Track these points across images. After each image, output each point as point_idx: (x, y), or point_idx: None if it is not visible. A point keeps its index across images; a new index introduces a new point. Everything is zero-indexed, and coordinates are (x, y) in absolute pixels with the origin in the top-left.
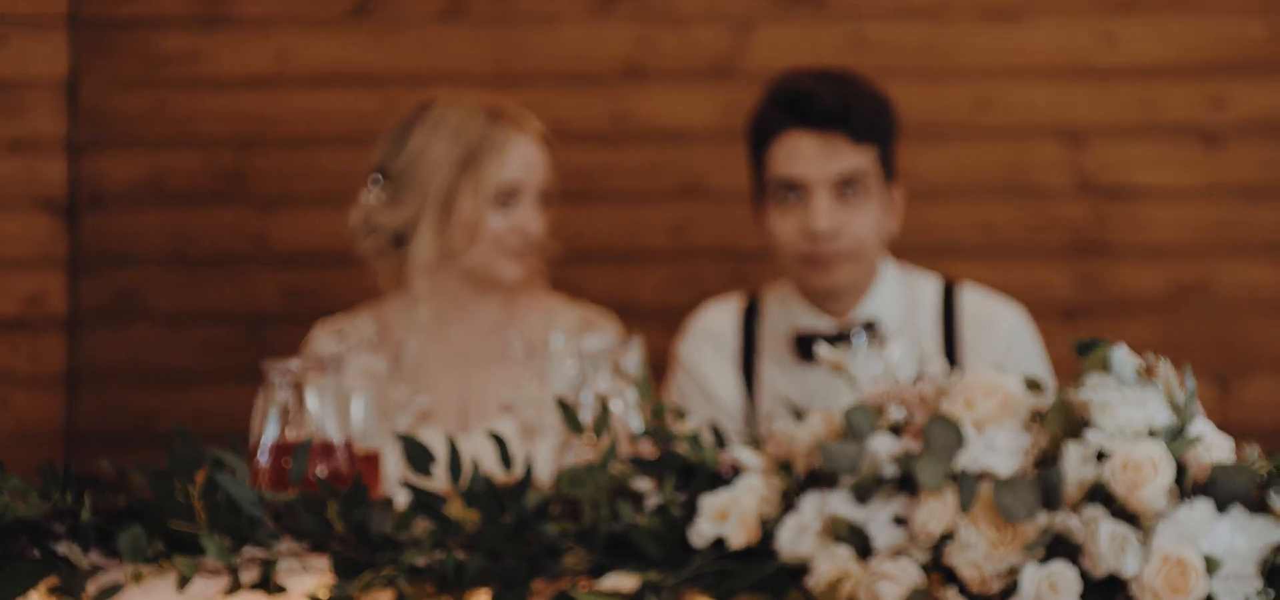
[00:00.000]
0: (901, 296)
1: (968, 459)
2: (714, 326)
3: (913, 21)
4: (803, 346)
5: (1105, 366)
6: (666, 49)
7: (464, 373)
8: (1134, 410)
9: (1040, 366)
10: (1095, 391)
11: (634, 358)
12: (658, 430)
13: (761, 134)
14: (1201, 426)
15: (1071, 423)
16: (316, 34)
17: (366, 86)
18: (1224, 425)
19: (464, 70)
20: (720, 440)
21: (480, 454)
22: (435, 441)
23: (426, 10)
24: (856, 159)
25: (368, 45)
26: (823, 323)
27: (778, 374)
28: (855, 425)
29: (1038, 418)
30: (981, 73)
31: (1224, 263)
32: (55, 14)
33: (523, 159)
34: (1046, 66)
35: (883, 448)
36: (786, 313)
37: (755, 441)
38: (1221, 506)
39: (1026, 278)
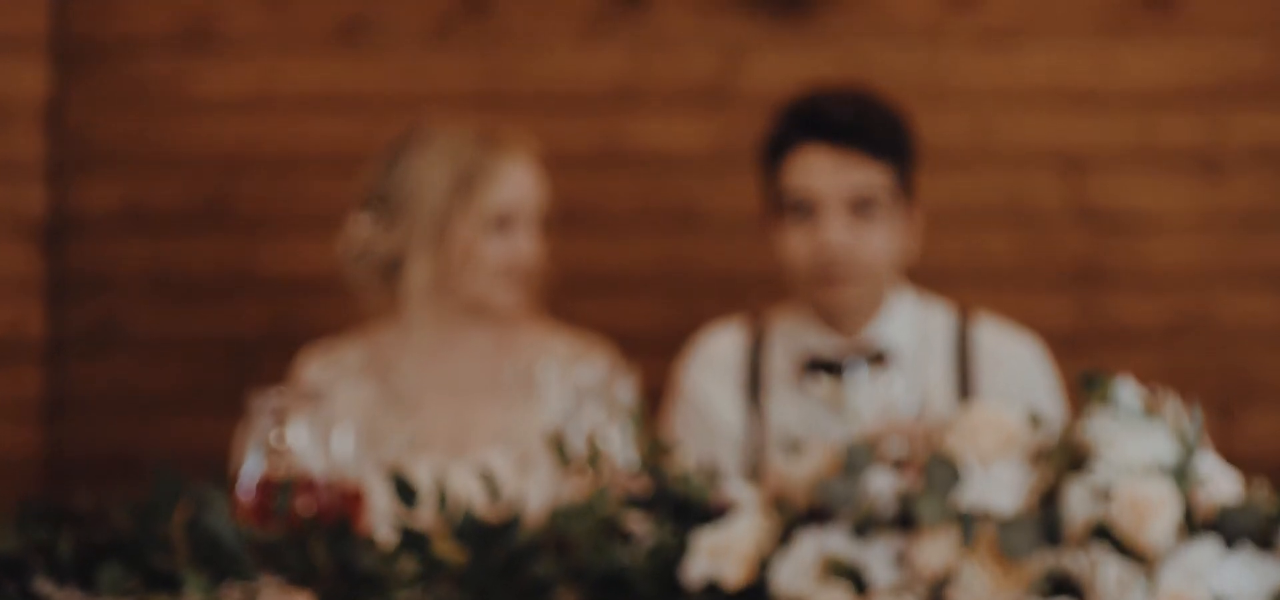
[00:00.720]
0: (915, 324)
1: (969, 496)
2: (718, 351)
3: (909, 46)
4: (814, 370)
5: (1110, 400)
6: (658, 73)
7: (456, 401)
8: (1140, 446)
9: (1055, 401)
10: (1100, 427)
11: (628, 389)
12: (652, 466)
13: (775, 149)
14: (1209, 462)
15: (1076, 458)
16: (302, 57)
17: (353, 110)
18: (1226, 457)
19: (452, 94)
20: (714, 476)
21: (471, 486)
22: (425, 474)
23: (414, 33)
24: (872, 176)
25: (354, 68)
26: (834, 343)
27: (788, 398)
28: (854, 461)
29: (1043, 454)
30: (979, 99)
31: (1226, 291)
32: (36, 35)
33: (518, 183)
34: (1045, 93)
35: (882, 484)
36: (796, 335)
37: (756, 474)
38: (1230, 545)
39: (1024, 307)
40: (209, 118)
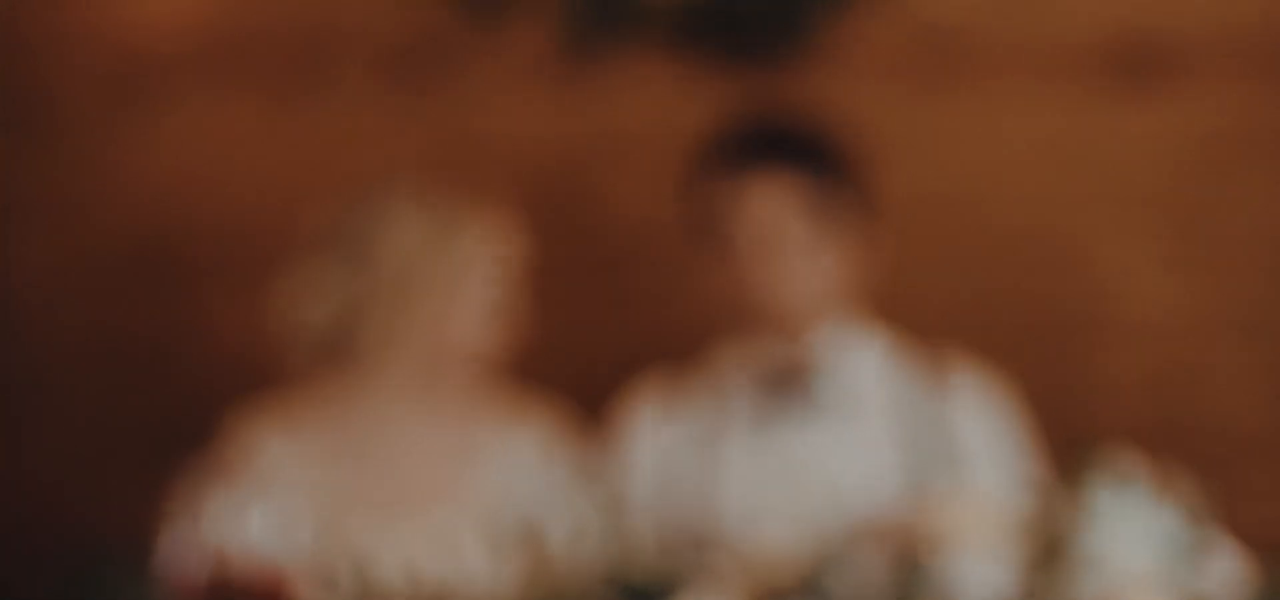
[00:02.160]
0: (878, 364)
1: (953, 583)
2: (650, 409)
3: (890, 104)
4: (769, 396)
5: (1106, 476)
6: (624, 133)
7: (406, 461)
8: (1140, 524)
9: (1021, 448)
10: (1097, 506)
11: (586, 455)
12: (611, 545)
13: (703, 173)
14: (1214, 539)
15: (1069, 537)
16: (250, 109)
17: (303, 165)
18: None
19: (406, 149)
20: (673, 560)
21: (422, 555)
22: (372, 541)
23: (366, 86)
24: (802, 194)
25: (304, 122)
26: (782, 350)
27: (744, 436)
28: (829, 547)
29: (1033, 535)
30: (962, 157)
31: (1215, 353)
32: None
33: (482, 245)
34: (1029, 151)
35: (861, 570)
36: (744, 364)
37: (709, 537)
38: None
39: (1007, 368)
40: (151, 173)
